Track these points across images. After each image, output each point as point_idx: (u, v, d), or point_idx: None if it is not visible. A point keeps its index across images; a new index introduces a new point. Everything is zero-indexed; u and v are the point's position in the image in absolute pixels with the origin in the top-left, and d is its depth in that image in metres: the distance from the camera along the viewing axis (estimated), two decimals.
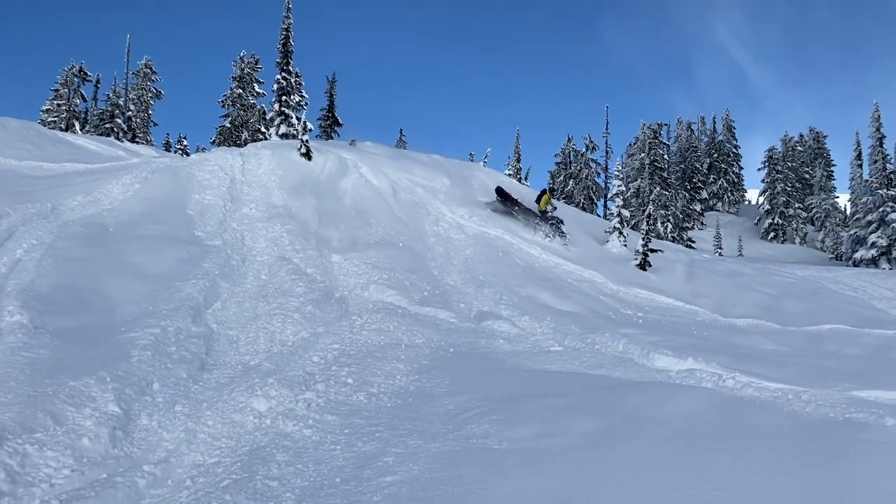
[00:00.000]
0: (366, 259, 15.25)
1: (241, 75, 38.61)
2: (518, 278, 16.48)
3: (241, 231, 15.37)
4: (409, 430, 6.33)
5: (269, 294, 11.81)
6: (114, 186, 16.34)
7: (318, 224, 16.89)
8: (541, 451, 5.74)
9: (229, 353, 8.93)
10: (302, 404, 7.05)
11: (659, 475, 5.09)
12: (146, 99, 43.89)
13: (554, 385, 8.21)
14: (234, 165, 19.30)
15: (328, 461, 5.60)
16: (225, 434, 6.22)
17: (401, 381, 8.27)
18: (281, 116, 26.44)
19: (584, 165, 53.11)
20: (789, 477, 4.99)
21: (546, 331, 12.20)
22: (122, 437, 5.88)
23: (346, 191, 19.32)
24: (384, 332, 10.71)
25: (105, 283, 10.68)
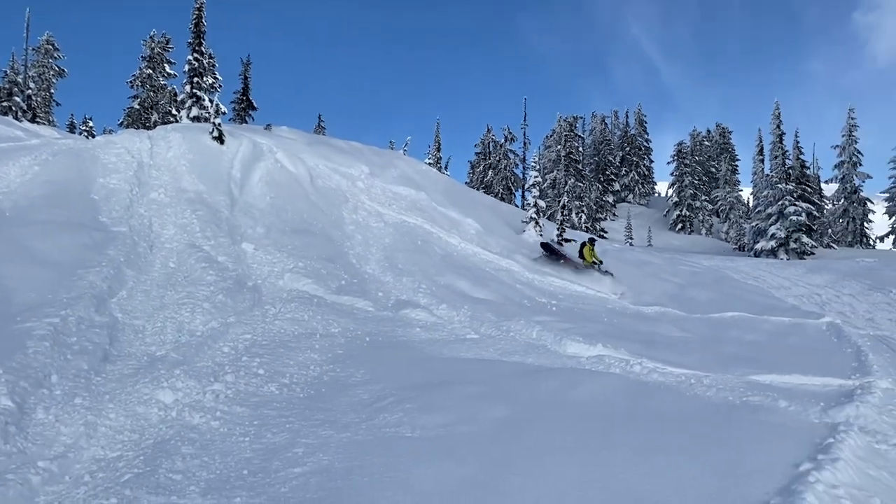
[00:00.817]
0: (281, 247, 14.97)
1: (150, 55, 37.01)
2: (437, 267, 16.54)
3: (149, 217, 14.80)
4: (321, 421, 6.27)
5: (177, 282, 11.43)
6: (10, 168, 15.42)
7: (231, 210, 16.45)
8: (453, 438, 5.80)
9: (135, 344, 8.60)
10: (210, 396, 6.86)
11: (567, 458, 5.22)
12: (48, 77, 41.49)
13: (469, 372, 8.30)
14: (142, 149, 18.53)
15: (236, 453, 5.48)
16: (128, 427, 5.98)
17: (314, 372, 8.17)
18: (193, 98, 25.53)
19: (502, 156, 53.72)
20: (688, 456, 5.22)
21: (463, 319, 12.31)
22: (16, 433, 5.57)
23: (260, 177, 18.86)
24: (299, 321, 10.56)
25: (1, 270, 10.08)
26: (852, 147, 47.50)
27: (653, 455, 5.27)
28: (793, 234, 38.97)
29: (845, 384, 8.55)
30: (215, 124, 19.85)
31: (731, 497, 4.42)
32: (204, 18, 25.67)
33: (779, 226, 39.55)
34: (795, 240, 38.80)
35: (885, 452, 5.71)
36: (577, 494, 4.55)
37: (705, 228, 55.96)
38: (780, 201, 40.12)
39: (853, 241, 47.30)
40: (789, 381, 8.76)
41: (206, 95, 25.54)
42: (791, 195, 40.11)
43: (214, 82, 27.03)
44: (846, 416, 6.87)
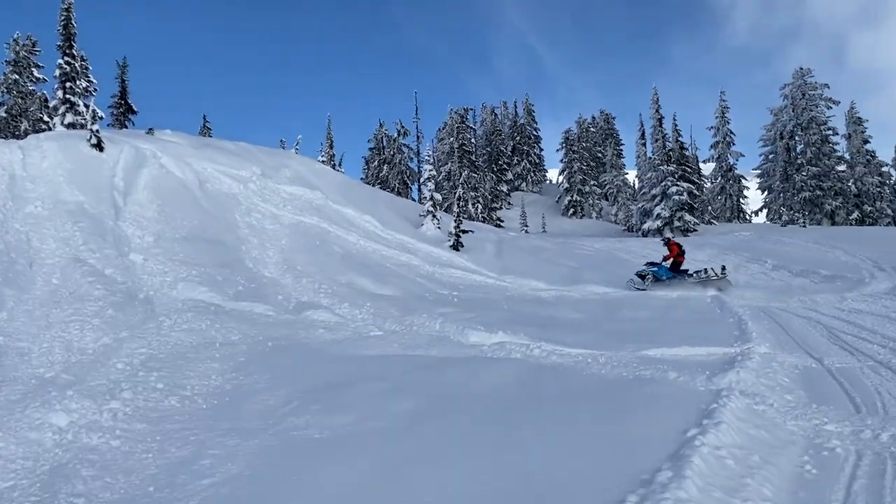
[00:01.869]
0: (172, 255, 14.52)
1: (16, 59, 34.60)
2: (337, 266, 16.50)
3: (26, 232, 13.98)
4: (227, 430, 6.19)
5: (62, 299, 10.90)
6: None
7: (116, 220, 15.77)
8: (361, 435, 5.88)
9: (20, 367, 8.15)
10: (107, 415, 6.62)
11: (472, 446, 5.41)
12: None
13: (374, 369, 8.38)
14: (13, 160, 17.41)
15: (139, 470, 5.34)
16: (20, 455, 5.69)
17: (216, 381, 8.03)
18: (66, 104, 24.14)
19: (396, 151, 53.79)
20: (584, 432, 5.53)
21: (366, 316, 12.36)
22: None
23: (146, 183, 18.13)
24: (196, 331, 10.31)
25: None
26: (725, 128, 50.63)
27: (551, 435, 5.54)
28: (676, 213, 41.12)
29: (728, 352, 9.20)
30: (93, 131, 18.90)
31: (625, 466, 4.72)
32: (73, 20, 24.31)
33: (663, 206, 41.65)
34: (679, 218, 40.98)
35: (763, 412, 6.22)
36: (480, 479, 4.74)
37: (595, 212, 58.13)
38: (662, 182, 42.24)
39: (731, 216, 50.47)
40: (678, 353, 9.33)
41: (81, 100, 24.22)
42: (673, 176, 42.29)
43: (89, 86, 25.66)
44: (728, 381, 7.41)
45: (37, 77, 35.08)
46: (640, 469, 4.65)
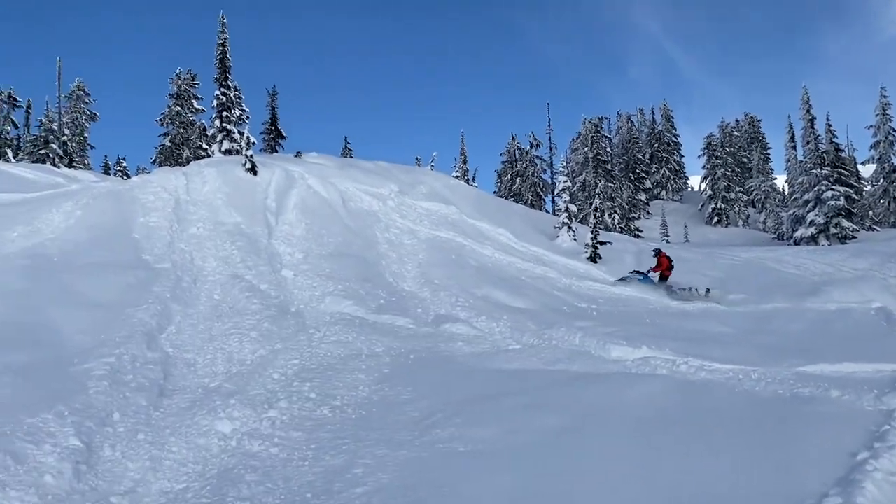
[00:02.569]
0: (319, 271, 15.23)
1: (178, 92, 37.91)
2: (473, 279, 16.65)
3: (190, 251, 15.18)
4: (376, 440, 6.40)
5: (223, 314, 11.71)
6: (55, 215, 15.94)
7: (269, 239, 16.79)
8: (505, 450, 5.88)
9: (188, 377, 8.84)
10: (266, 423, 7.05)
11: (620, 463, 5.27)
12: (81, 122, 42.71)
13: (515, 383, 8.37)
14: (178, 185, 19.01)
15: (297, 477, 5.63)
16: (191, 459, 6.18)
17: (364, 392, 8.31)
18: (223, 132, 26.10)
19: (529, 163, 53.71)
20: (742, 452, 5.23)
21: (504, 330, 12.37)
22: (86, 471, 5.80)
23: (295, 204, 19.21)
24: (343, 343, 10.73)
25: (53, 315, 10.45)
26: (887, 126, 46.48)
27: (706, 454, 5.29)
28: (832, 218, 38.21)
29: None
30: (247, 156, 20.29)
31: (789, 490, 4.43)
32: (228, 53, 26.28)
33: (817, 212, 38.84)
34: (835, 224, 38.05)
35: None
36: (632, 499, 4.60)
37: (742, 220, 55.14)
38: (816, 187, 39.42)
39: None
40: (840, 369, 8.64)
41: (236, 128, 26.09)
42: (827, 180, 39.39)
43: (242, 114, 27.58)
44: None
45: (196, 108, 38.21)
46: (804, 493, 4.35)
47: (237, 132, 25.79)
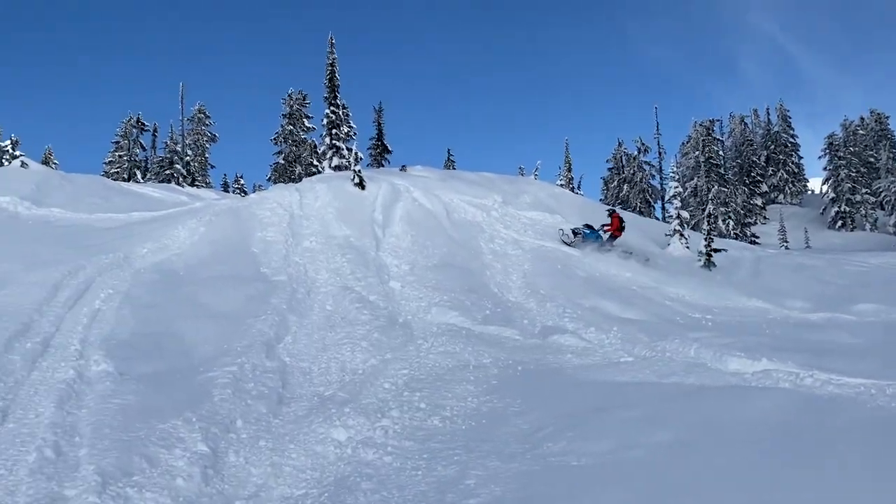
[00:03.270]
0: (425, 282, 15.44)
1: (290, 112, 39.61)
2: (580, 289, 16.40)
3: (304, 264, 15.76)
4: (487, 452, 6.40)
5: (336, 324, 12.06)
6: (180, 231, 16.97)
7: (377, 251, 17.19)
8: (619, 465, 5.74)
9: (304, 386, 9.17)
10: (380, 432, 7.20)
11: (742, 482, 5.03)
12: (202, 143, 45.41)
13: (627, 397, 8.16)
14: (291, 201, 19.81)
15: (411, 486, 5.71)
16: (309, 466, 6.40)
17: (472, 403, 8.34)
18: (332, 149, 27.06)
19: (637, 169, 52.48)
20: (876, 476, 4.87)
21: (614, 341, 12.10)
22: (213, 475, 6.13)
23: (401, 216, 19.60)
24: (451, 354, 10.81)
25: (180, 326, 11.10)
26: None
27: (835, 475, 4.96)
28: None
29: None
30: (356, 171, 20.92)
31: None
32: (337, 73, 27.24)
33: None
34: None
35: None
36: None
37: (869, 223, 51.59)
38: None
39: None
40: None
41: (345, 145, 26.97)
42: None
43: (350, 131, 28.53)
44: None
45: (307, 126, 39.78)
46: None
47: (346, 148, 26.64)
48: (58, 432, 6.67)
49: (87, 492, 5.50)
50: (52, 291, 11.58)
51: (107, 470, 5.84)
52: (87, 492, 5.50)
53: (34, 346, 9.15)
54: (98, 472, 5.76)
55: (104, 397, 7.69)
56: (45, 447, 6.27)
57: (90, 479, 5.66)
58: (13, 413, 7.15)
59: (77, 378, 8.18)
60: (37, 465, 5.94)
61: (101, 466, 5.89)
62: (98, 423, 6.91)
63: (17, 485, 5.67)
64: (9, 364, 8.34)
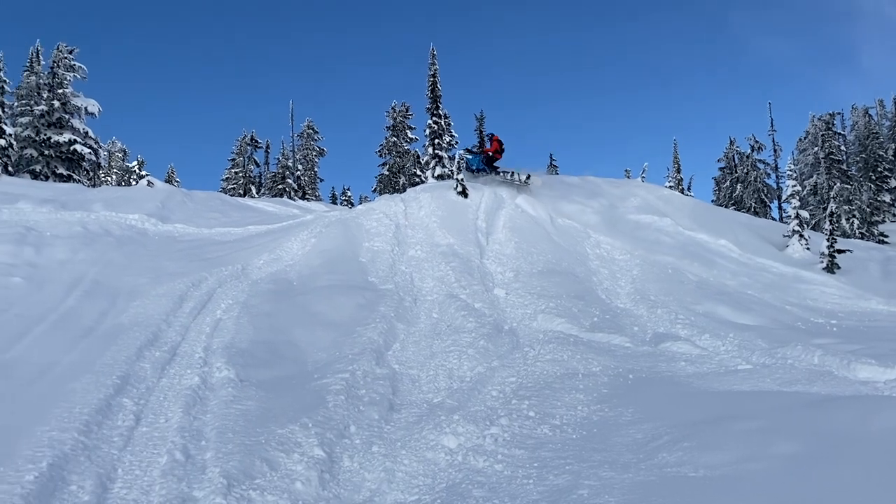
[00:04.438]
0: (531, 289, 15.33)
1: (394, 124, 40.50)
2: (692, 295, 15.83)
3: (410, 273, 16.01)
4: (599, 462, 6.27)
5: (442, 332, 12.18)
6: (293, 243, 17.65)
7: (481, 259, 17.24)
8: (740, 478, 5.48)
9: (413, 393, 9.31)
10: (489, 439, 7.20)
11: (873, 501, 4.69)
12: (311, 157, 47.13)
13: (746, 406, 7.80)
14: (396, 211, 20.20)
15: (523, 495, 5.68)
16: (421, 472, 6.49)
17: (583, 412, 8.20)
18: (435, 159, 27.44)
19: (750, 167, 50.15)
20: None
21: (730, 348, 11.60)
22: (330, 480, 6.32)
23: (504, 224, 19.58)
24: (559, 361, 10.68)
25: (294, 334, 11.54)
26: None
27: None
28: None
29: None
30: (458, 180, 21.09)
31: None
32: (438, 83, 27.61)
33: None
34: None
35: None
36: None
37: None
38: None
39: None
40: None
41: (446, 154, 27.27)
42: None
43: (452, 140, 28.81)
44: None
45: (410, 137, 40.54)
46: None
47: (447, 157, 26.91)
48: (186, 436, 7.08)
49: (213, 493, 5.81)
50: (177, 302, 12.33)
51: (231, 473, 6.14)
52: (213, 493, 5.81)
53: (162, 354, 9.77)
54: (223, 475, 6.08)
55: (227, 403, 8.10)
56: (174, 450, 6.67)
57: (216, 482, 5.98)
58: (145, 417, 7.65)
59: (202, 384, 8.65)
60: (168, 467, 6.33)
61: (225, 469, 6.21)
62: (222, 427, 7.29)
63: (151, 485, 6.06)
64: (140, 371, 8.94)
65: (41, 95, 30.09)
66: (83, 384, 8.13)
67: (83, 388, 7.99)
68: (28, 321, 11.06)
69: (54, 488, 5.74)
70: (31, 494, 5.45)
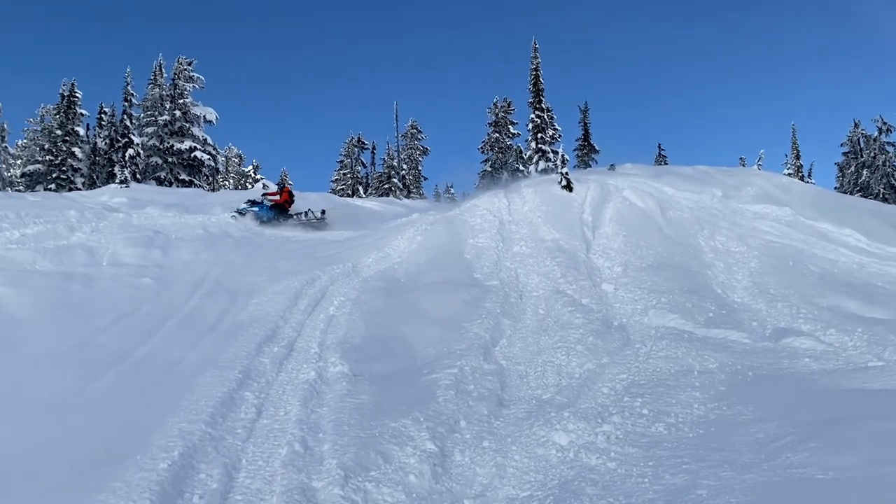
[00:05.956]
0: (640, 284, 14.94)
1: (496, 120, 40.49)
2: (815, 287, 14.97)
3: (515, 269, 15.96)
4: (718, 461, 6.04)
5: (549, 328, 12.07)
6: (399, 241, 18.00)
7: (587, 253, 16.95)
8: (871, 481, 5.15)
9: (521, 389, 9.28)
10: (601, 437, 7.09)
11: None
12: (415, 157, 47.89)
13: (878, 405, 7.32)
14: (500, 207, 20.18)
15: (638, 494, 5.55)
16: (532, 468, 6.47)
17: (699, 410, 7.92)
18: (538, 153, 27.22)
19: (878, 151, 46.83)
20: None
21: (858, 344, 10.89)
22: (442, 473, 6.41)
23: (611, 217, 19.18)
24: (672, 358, 10.35)
25: (404, 330, 11.77)
26: None
27: None
28: None
29: None
30: (562, 174, 20.85)
31: None
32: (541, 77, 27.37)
33: None
34: None
35: None
36: None
37: None
38: None
39: None
40: None
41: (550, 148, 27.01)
42: None
43: (555, 133, 28.50)
44: None
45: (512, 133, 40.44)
46: None
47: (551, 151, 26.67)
48: (304, 428, 7.37)
49: (332, 484, 6.02)
50: (292, 300, 12.85)
51: (348, 465, 6.35)
52: (332, 484, 6.02)
53: (280, 349, 10.21)
54: (340, 467, 6.29)
55: (341, 396, 8.37)
56: (294, 442, 6.96)
57: (334, 473, 6.20)
58: (266, 410, 8.02)
59: (317, 379, 8.98)
60: (288, 458, 6.61)
61: (342, 461, 6.42)
62: (338, 420, 7.54)
63: (273, 475, 6.35)
64: (260, 366, 9.38)
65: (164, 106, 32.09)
66: (208, 378, 8.62)
67: (208, 382, 8.46)
68: (157, 319, 11.84)
69: (185, 476, 6.11)
70: (165, 481, 5.83)
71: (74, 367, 9.44)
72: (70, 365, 9.52)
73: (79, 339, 10.62)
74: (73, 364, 9.56)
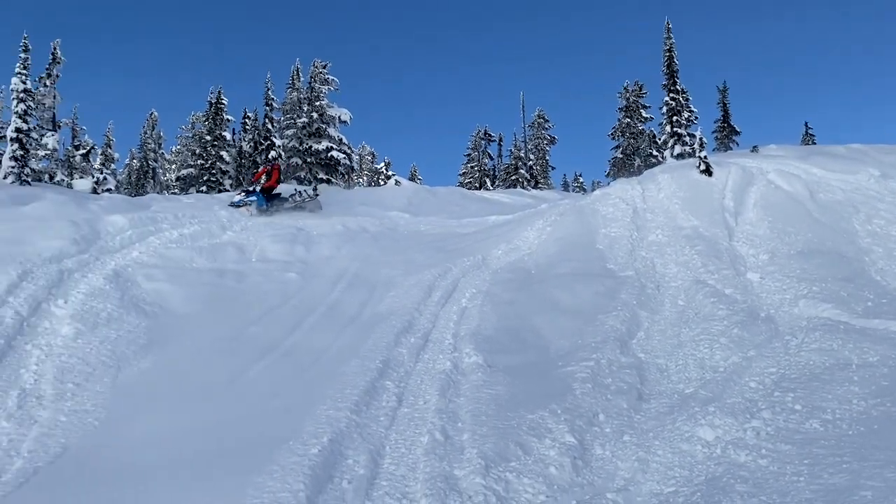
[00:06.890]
0: (789, 272, 14.07)
1: (626, 105, 39.33)
2: None
3: (651, 258, 15.48)
4: (884, 461, 5.60)
5: (689, 319, 11.64)
6: (529, 232, 17.92)
7: (729, 241, 16.16)
8: None
9: (662, 382, 9.01)
10: (750, 433, 6.75)
11: None
12: (542, 147, 47.45)
13: None
14: (633, 195, 19.62)
15: (793, 493, 5.25)
16: (676, 463, 6.27)
17: (859, 406, 7.37)
18: (674, 137, 26.18)
19: None
20: None
21: None
22: (583, 466, 6.36)
23: (755, 201, 18.16)
24: (826, 351, 9.68)
25: (535, 322, 11.73)
26: None
27: None
28: None
29: None
30: (701, 157, 19.95)
31: None
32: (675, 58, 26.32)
33: None
34: None
35: None
36: None
37: None
38: None
39: None
40: None
41: (686, 131, 25.92)
42: None
43: (690, 116, 27.30)
44: None
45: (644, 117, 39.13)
46: None
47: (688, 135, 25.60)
48: (443, 417, 7.54)
49: (473, 473, 6.13)
50: (426, 292, 13.14)
51: (488, 454, 6.43)
52: (473, 473, 6.13)
53: (417, 340, 10.48)
54: (481, 456, 6.39)
55: (477, 387, 8.47)
56: (434, 430, 7.14)
57: (475, 462, 6.30)
58: (406, 399, 8.27)
59: (453, 369, 9.15)
60: (430, 447, 6.78)
61: (482, 451, 6.51)
62: (475, 410, 7.65)
63: (416, 463, 6.54)
64: (398, 356, 9.67)
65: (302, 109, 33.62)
66: (351, 368, 9.00)
67: (351, 372, 8.83)
68: (302, 311, 12.48)
69: (334, 461, 6.42)
70: (316, 466, 6.16)
71: (229, 357, 10.15)
72: (225, 355, 10.25)
73: (233, 330, 11.39)
74: (228, 354, 10.28)
